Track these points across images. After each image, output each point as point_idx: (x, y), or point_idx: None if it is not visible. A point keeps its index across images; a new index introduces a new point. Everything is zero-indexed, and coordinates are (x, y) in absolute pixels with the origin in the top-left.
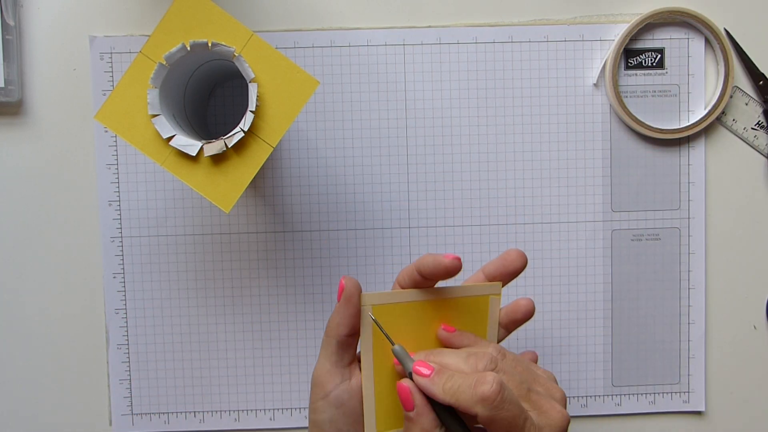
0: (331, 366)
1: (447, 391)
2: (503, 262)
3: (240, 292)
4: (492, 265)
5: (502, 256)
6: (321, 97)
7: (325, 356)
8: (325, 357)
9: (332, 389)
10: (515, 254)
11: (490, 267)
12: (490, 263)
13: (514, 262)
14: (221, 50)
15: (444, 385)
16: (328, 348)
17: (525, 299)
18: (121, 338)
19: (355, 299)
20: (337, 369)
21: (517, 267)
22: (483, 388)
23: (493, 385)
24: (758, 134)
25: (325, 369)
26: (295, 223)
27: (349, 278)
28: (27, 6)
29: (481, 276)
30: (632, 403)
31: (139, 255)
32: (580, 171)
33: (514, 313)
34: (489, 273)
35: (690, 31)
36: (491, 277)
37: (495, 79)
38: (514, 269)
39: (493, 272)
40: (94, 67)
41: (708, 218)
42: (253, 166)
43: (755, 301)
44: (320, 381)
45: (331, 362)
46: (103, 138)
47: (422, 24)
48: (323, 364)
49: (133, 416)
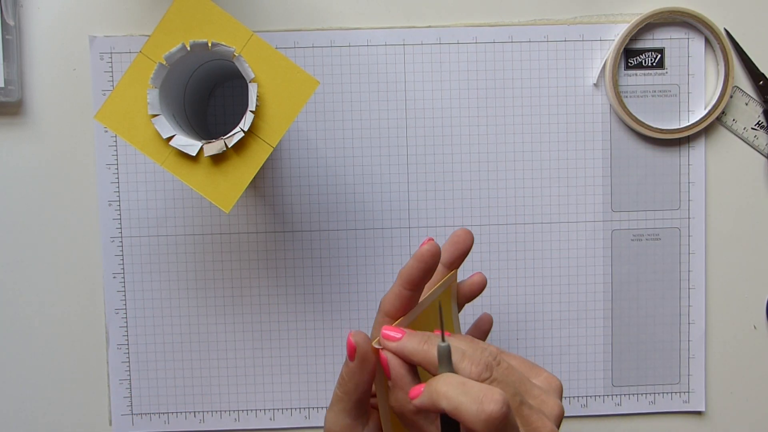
0: (351, 420)
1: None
2: (455, 246)
3: (240, 292)
4: (446, 252)
5: (452, 239)
6: (321, 97)
7: (342, 411)
8: (343, 412)
9: None
10: (463, 234)
11: (444, 255)
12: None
13: (466, 242)
14: (221, 50)
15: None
16: (345, 404)
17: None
18: (121, 338)
19: (370, 357)
20: (357, 421)
21: (468, 246)
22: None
23: (502, 406)
24: (758, 134)
25: (344, 423)
26: (295, 223)
27: (357, 334)
28: (27, 6)
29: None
30: (632, 403)
31: (139, 255)
32: (580, 171)
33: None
34: (445, 261)
35: (690, 31)
36: (448, 264)
37: (495, 79)
38: (466, 249)
39: (449, 259)
40: (94, 67)
41: (708, 218)
42: (253, 166)
43: (755, 301)
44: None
45: (351, 416)
46: (103, 138)
47: (422, 24)
48: (342, 418)
49: (133, 416)
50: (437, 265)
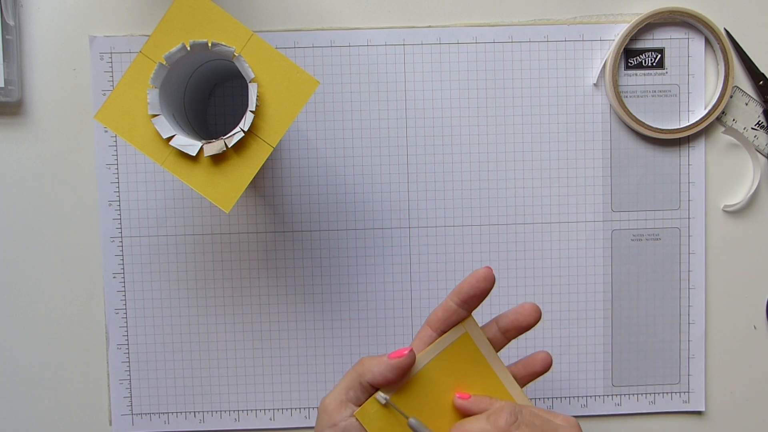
0: (346, 399)
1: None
2: (517, 317)
3: (240, 292)
4: (506, 318)
5: (516, 309)
6: (321, 97)
7: (343, 388)
8: (344, 390)
9: (340, 420)
10: (530, 308)
11: (503, 321)
12: (503, 316)
13: (528, 318)
14: (221, 50)
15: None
16: (349, 382)
17: (542, 353)
18: (121, 338)
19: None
20: (349, 403)
21: (530, 321)
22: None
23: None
24: (758, 134)
25: (338, 400)
26: (295, 223)
27: (412, 353)
28: (27, 6)
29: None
30: (632, 403)
31: (139, 255)
32: (580, 171)
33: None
34: (503, 326)
35: (690, 31)
36: (504, 330)
37: (495, 79)
38: (527, 324)
39: (508, 326)
40: (94, 67)
41: (708, 218)
42: (253, 166)
43: (755, 301)
44: (330, 410)
45: (348, 396)
46: (103, 138)
47: (422, 24)
48: (339, 395)
49: (133, 416)
50: (489, 291)
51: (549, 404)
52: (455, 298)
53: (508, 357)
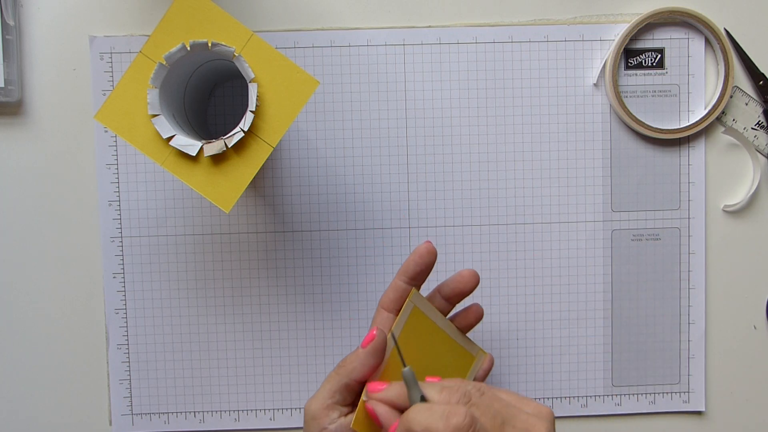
0: (332, 402)
1: (420, 424)
2: (457, 284)
3: (240, 292)
4: (447, 287)
5: (455, 277)
6: (321, 97)
7: (327, 391)
8: (328, 392)
9: (329, 423)
10: (468, 274)
11: (445, 289)
12: (444, 285)
13: (468, 284)
14: (221, 50)
15: (416, 418)
16: (334, 385)
17: (475, 305)
18: (121, 338)
19: (381, 352)
20: (336, 406)
21: (469, 287)
22: (455, 420)
23: (465, 417)
24: (758, 134)
25: (324, 404)
26: (295, 223)
27: (382, 331)
28: (27, 6)
29: (437, 295)
30: (632, 403)
31: (139, 255)
32: (580, 171)
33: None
34: (445, 294)
35: (690, 31)
36: (447, 297)
37: (495, 79)
38: (467, 289)
39: (449, 293)
40: (94, 67)
41: (708, 218)
42: (253, 166)
43: (755, 301)
44: (318, 415)
45: (335, 399)
46: (103, 138)
47: (422, 24)
48: (323, 398)
49: (133, 416)
50: (433, 264)
51: (549, 404)
52: (403, 277)
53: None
